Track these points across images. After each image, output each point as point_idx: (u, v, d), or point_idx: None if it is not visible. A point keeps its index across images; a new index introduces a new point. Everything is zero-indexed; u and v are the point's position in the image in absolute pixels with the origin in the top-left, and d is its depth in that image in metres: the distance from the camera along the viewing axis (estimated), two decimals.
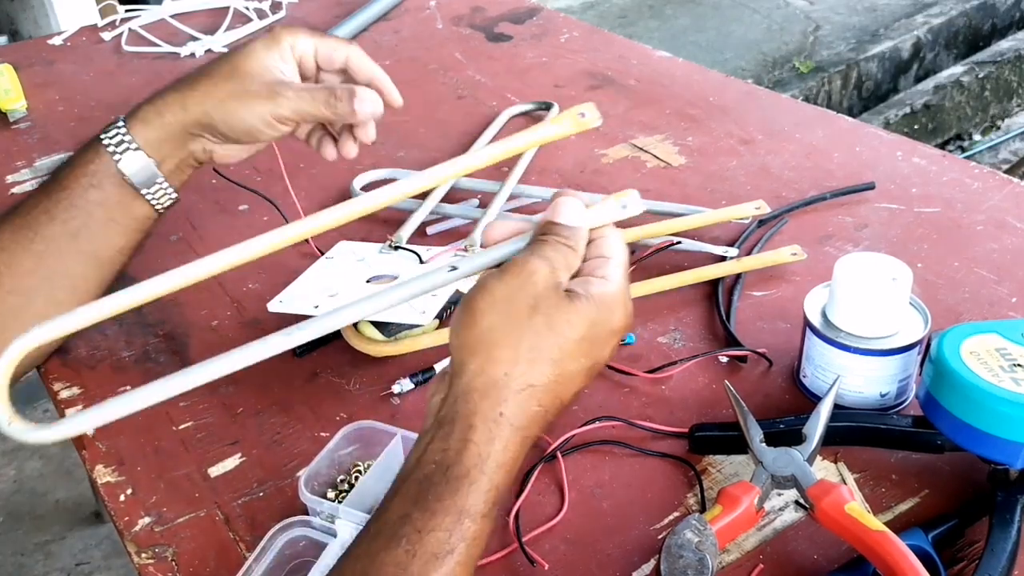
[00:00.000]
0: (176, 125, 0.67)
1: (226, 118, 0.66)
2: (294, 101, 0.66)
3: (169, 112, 0.67)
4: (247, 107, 0.66)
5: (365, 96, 0.66)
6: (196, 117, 0.66)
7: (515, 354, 0.46)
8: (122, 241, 0.69)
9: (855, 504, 0.51)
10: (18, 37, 2.55)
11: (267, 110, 0.66)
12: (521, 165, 0.91)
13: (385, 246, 0.78)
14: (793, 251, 0.76)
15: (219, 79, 0.67)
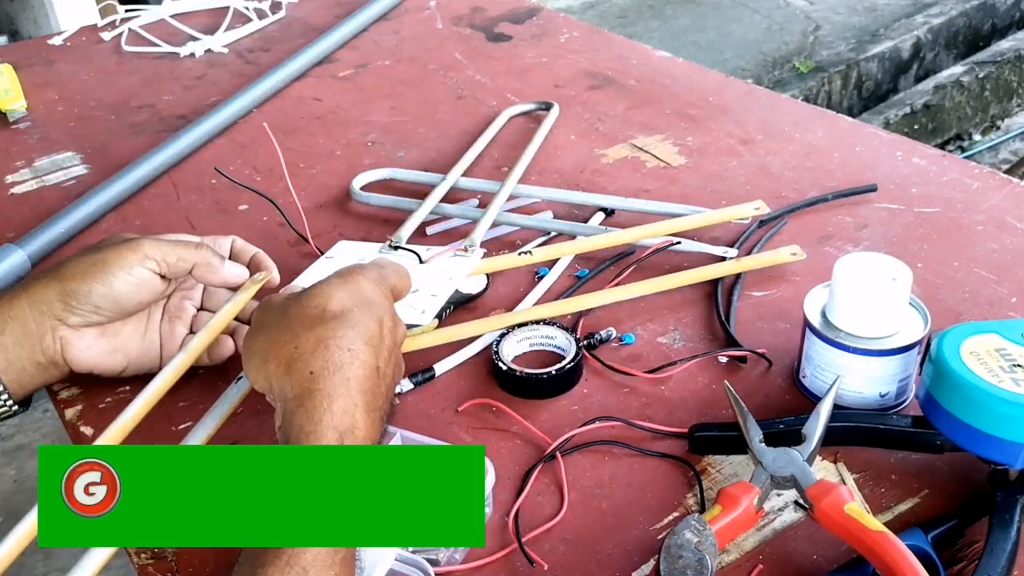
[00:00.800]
0: (23, 302, 0.63)
1: (80, 271, 0.62)
2: (153, 240, 0.64)
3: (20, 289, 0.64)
4: (103, 253, 0.63)
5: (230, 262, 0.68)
6: (45, 284, 0.63)
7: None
8: None
9: (855, 504, 0.51)
10: (18, 37, 2.55)
11: (126, 250, 0.63)
12: (521, 165, 0.91)
13: (385, 246, 0.78)
14: (793, 251, 0.76)
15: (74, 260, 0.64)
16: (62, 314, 0.63)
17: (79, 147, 1.06)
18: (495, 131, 1.00)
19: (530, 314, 0.71)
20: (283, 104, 1.13)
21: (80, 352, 0.64)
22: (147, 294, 0.65)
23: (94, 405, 0.68)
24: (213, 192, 0.95)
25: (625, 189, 0.89)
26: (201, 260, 0.65)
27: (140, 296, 0.64)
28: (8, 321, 0.63)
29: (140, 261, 0.63)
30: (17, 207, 0.95)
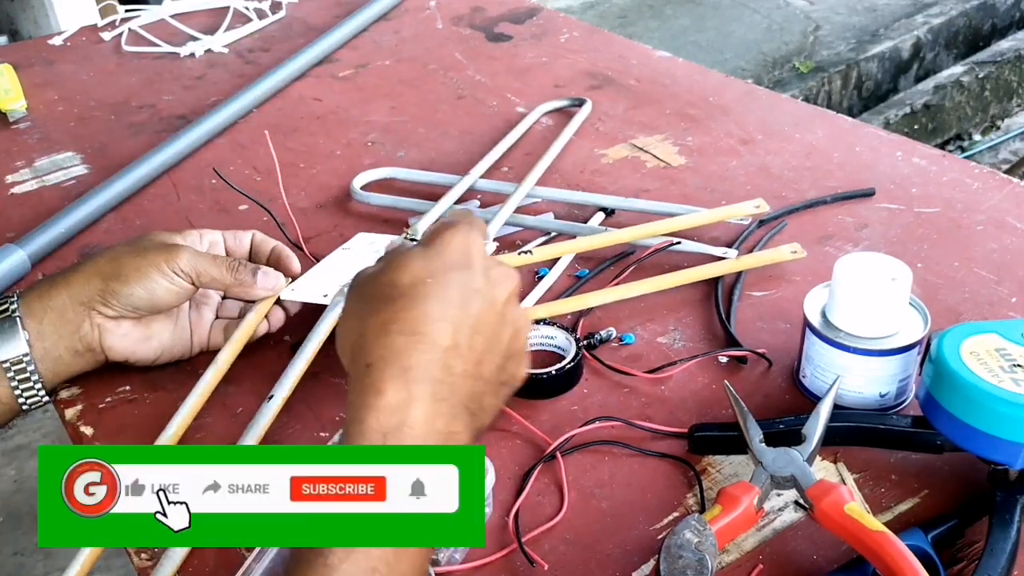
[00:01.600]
0: (62, 293, 0.65)
1: (119, 269, 0.65)
2: (194, 255, 0.66)
3: (60, 280, 0.66)
4: (143, 256, 0.65)
5: (269, 272, 0.69)
6: (85, 278, 0.65)
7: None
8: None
9: (855, 504, 0.51)
10: (18, 37, 2.56)
11: (165, 258, 0.65)
12: (543, 163, 0.91)
13: (400, 238, 0.78)
14: (793, 249, 0.76)
15: (116, 249, 0.67)
16: (101, 307, 0.65)
17: (79, 147, 1.06)
18: (525, 128, 1.01)
19: (530, 313, 0.71)
20: (283, 104, 1.13)
21: (117, 339, 0.66)
22: (181, 299, 0.67)
23: (94, 405, 0.68)
24: (213, 192, 0.95)
25: (625, 189, 0.89)
26: (234, 282, 0.68)
27: (175, 300, 0.67)
28: (48, 311, 0.65)
29: (176, 272, 0.65)
30: (17, 207, 0.95)
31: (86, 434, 0.66)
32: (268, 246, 0.73)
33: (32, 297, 0.65)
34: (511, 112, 1.06)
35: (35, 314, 0.65)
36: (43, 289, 0.66)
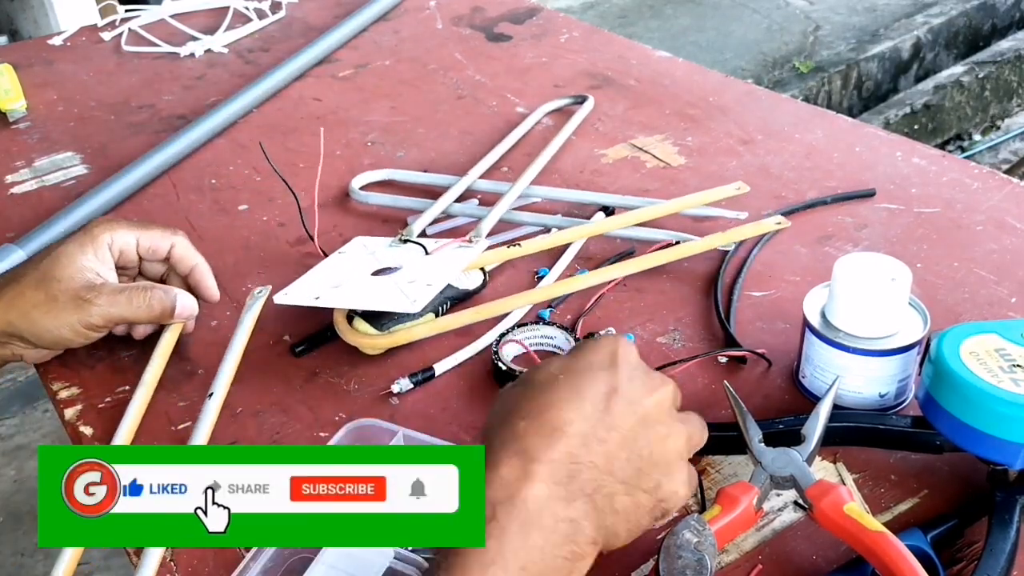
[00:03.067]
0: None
1: (32, 328, 0.65)
2: (105, 307, 0.65)
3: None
4: (53, 317, 0.64)
5: (186, 302, 0.69)
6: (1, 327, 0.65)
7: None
8: None
9: (854, 504, 0.51)
10: (18, 37, 2.56)
11: (75, 319, 0.64)
12: (541, 160, 0.91)
13: (395, 240, 0.78)
14: (777, 220, 0.79)
15: (26, 287, 0.65)
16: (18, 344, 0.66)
17: (79, 147, 1.06)
18: (527, 128, 1.01)
19: (525, 298, 0.72)
20: (283, 104, 1.13)
21: (37, 359, 0.70)
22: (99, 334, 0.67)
23: (94, 405, 0.68)
24: (213, 192, 0.95)
25: (625, 189, 0.89)
26: (150, 320, 0.68)
27: (92, 338, 0.67)
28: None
29: (89, 328, 0.65)
30: (17, 207, 0.95)
31: (86, 434, 0.66)
32: (189, 263, 0.71)
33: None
34: (511, 112, 1.06)
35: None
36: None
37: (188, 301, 0.69)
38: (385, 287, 0.70)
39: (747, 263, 0.77)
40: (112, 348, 0.74)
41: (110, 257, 0.68)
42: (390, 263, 0.74)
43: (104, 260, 0.68)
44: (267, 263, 0.82)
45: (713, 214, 0.82)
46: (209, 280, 0.72)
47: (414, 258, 0.74)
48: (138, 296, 0.66)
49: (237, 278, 0.80)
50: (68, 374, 0.71)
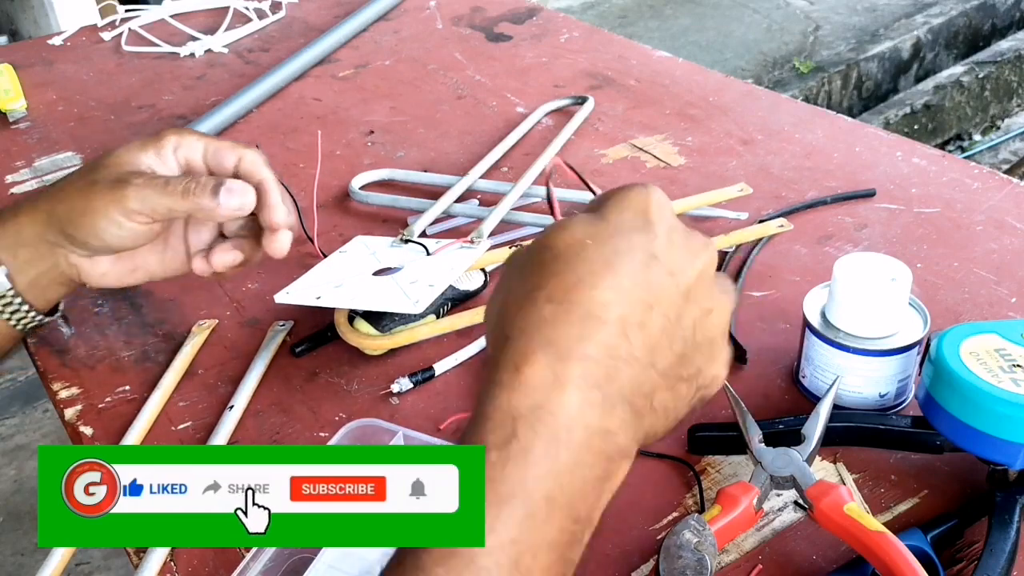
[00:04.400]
0: (29, 229, 0.59)
1: (70, 214, 0.58)
2: (142, 189, 0.56)
3: (24, 213, 0.59)
4: (89, 199, 0.57)
5: (234, 187, 0.57)
6: (45, 218, 0.59)
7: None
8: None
9: (854, 505, 0.51)
10: (18, 37, 2.56)
11: (110, 201, 0.56)
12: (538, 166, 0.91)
13: (396, 240, 0.78)
14: (780, 223, 0.78)
15: (76, 175, 0.59)
16: (69, 247, 0.59)
17: (79, 147, 1.06)
18: (527, 128, 1.01)
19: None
20: (283, 104, 1.13)
21: (97, 277, 0.61)
22: (148, 236, 0.59)
23: (94, 405, 0.68)
24: None
25: None
26: (193, 208, 0.57)
27: (138, 241, 0.59)
28: (20, 247, 0.59)
29: (127, 216, 0.57)
30: None
31: (86, 434, 0.66)
32: (255, 177, 0.60)
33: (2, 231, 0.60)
34: (511, 112, 1.06)
35: (8, 248, 0.59)
36: (8, 222, 0.60)
37: (239, 187, 0.58)
38: (387, 287, 0.70)
39: (747, 263, 0.77)
40: (112, 348, 0.74)
41: (174, 163, 0.60)
42: (391, 263, 0.74)
43: (167, 162, 0.60)
44: (267, 263, 0.82)
45: (714, 214, 0.82)
46: (273, 199, 0.60)
47: (415, 258, 0.74)
48: (177, 181, 0.57)
49: (237, 278, 0.80)
50: (68, 374, 0.72)
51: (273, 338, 0.72)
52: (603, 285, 0.37)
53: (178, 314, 0.77)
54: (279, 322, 0.74)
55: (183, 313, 0.77)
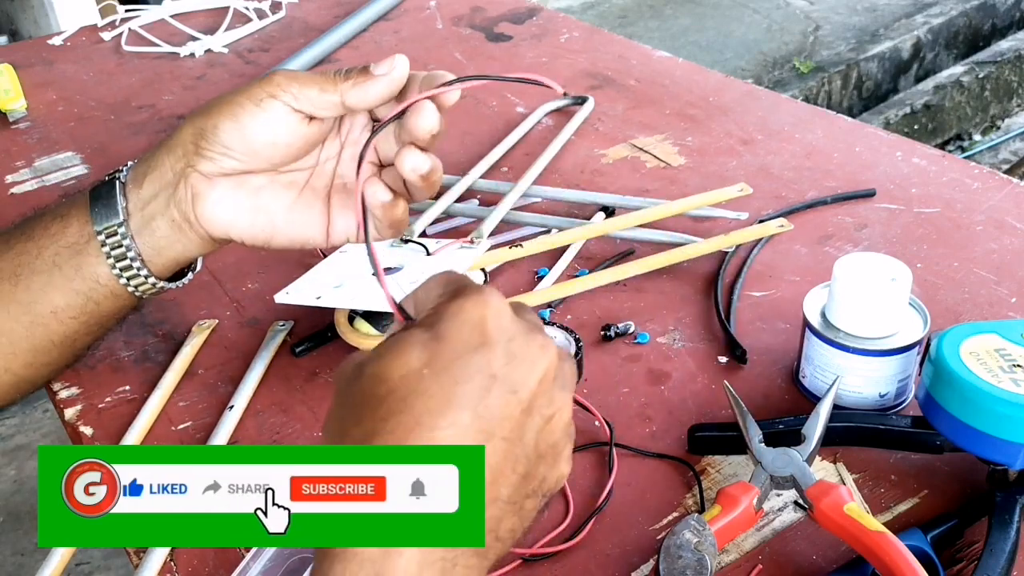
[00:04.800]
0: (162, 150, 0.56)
1: (209, 107, 0.55)
2: (288, 73, 0.54)
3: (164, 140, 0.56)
4: (235, 91, 0.55)
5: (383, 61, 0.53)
6: (180, 129, 0.55)
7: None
8: (60, 300, 0.56)
9: (854, 504, 0.51)
10: (18, 37, 2.56)
11: (255, 85, 0.54)
12: (543, 160, 0.91)
13: (396, 240, 0.78)
14: (780, 223, 0.78)
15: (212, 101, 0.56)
16: (193, 158, 0.54)
17: (79, 147, 1.06)
18: (528, 128, 1.01)
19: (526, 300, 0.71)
20: None
21: (212, 206, 0.55)
22: (285, 135, 0.54)
23: (94, 405, 0.68)
24: None
25: (625, 189, 0.89)
26: (345, 86, 0.53)
27: (275, 136, 0.54)
28: (149, 171, 0.56)
29: (271, 92, 0.53)
30: (17, 207, 0.95)
31: (86, 434, 0.66)
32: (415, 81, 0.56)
33: (141, 160, 0.57)
34: (511, 112, 1.06)
35: (137, 178, 0.56)
36: (151, 151, 0.57)
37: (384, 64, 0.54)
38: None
39: (747, 263, 0.77)
40: (112, 348, 0.74)
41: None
42: (392, 263, 0.74)
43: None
44: (267, 263, 0.82)
45: (714, 214, 0.82)
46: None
47: (416, 258, 0.74)
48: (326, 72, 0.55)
49: (237, 278, 0.80)
50: (68, 374, 0.71)
51: (273, 338, 0.72)
52: (442, 424, 0.36)
53: (178, 314, 0.77)
54: (279, 322, 0.74)
55: (183, 313, 0.77)
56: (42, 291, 0.56)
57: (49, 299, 0.56)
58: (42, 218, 0.58)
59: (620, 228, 0.80)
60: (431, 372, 0.37)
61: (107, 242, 0.56)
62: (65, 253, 0.56)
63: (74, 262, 0.56)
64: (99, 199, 0.56)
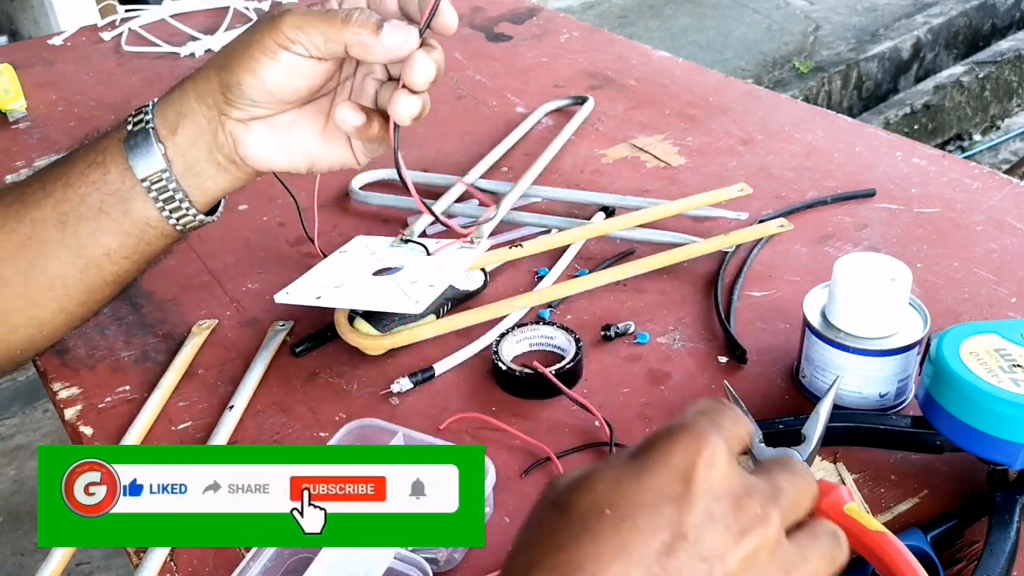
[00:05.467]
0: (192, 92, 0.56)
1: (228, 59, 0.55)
2: (300, 15, 0.53)
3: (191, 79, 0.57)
4: (247, 36, 0.54)
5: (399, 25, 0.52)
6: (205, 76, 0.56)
7: None
8: (112, 242, 0.57)
9: (854, 504, 0.51)
10: (18, 37, 2.56)
11: (267, 31, 0.53)
12: (543, 160, 0.91)
13: (396, 240, 0.78)
14: (780, 223, 0.78)
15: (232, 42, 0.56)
16: (225, 107, 0.56)
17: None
18: (528, 128, 1.01)
19: (526, 299, 0.72)
20: None
21: (252, 147, 0.57)
22: (305, 79, 0.55)
23: (94, 405, 0.68)
24: None
25: (625, 189, 0.89)
26: (350, 38, 0.52)
27: (296, 83, 0.55)
28: (181, 118, 0.57)
29: (283, 44, 0.53)
30: None
31: (86, 434, 0.66)
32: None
33: (165, 104, 0.57)
34: (511, 112, 1.06)
35: (169, 123, 0.57)
36: (175, 94, 0.57)
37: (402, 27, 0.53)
38: (387, 287, 0.70)
39: (747, 263, 0.77)
40: (112, 348, 0.74)
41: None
42: (392, 263, 0.74)
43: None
44: (267, 263, 0.82)
45: (714, 214, 0.82)
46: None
47: (416, 258, 0.74)
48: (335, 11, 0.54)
49: (237, 278, 0.80)
50: (68, 374, 0.72)
51: (273, 338, 0.72)
52: (609, 569, 0.32)
53: (178, 314, 0.77)
54: (279, 322, 0.74)
55: (183, 313, 0.77)
56: (92, 236, 0.57)
57: (100, 243, 0.57)
58: (75, 164, 0.58)
59: (620, 228, 0.80)
60: (614, 512, 0.33)
61: (153, 187, 0.57)
62: (110, 199, 0.57)
63: (121, 207, 0.57)
64: (135, 148, 0.57)
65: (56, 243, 0.57)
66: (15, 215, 0.57)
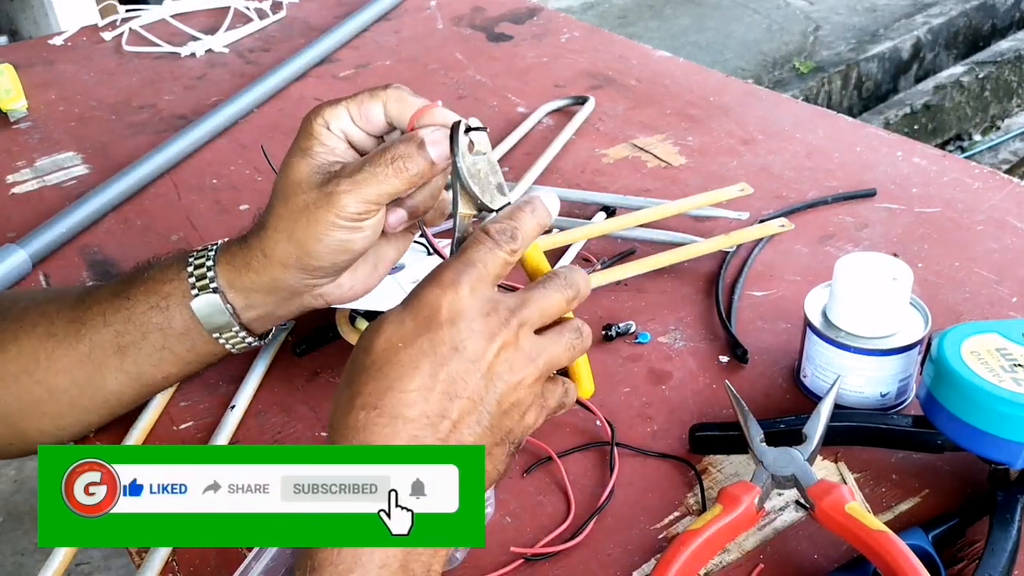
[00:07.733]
0: (265, 277, 0.57)
1: (304, 247, 0.55)
2: (353, 191, 0.53)
3: (255, 260, 0.57)
4: (314, 224, 0.54)
5: (431, 137, 0.54)
6: (281, 260, 0.56)
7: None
8: (173, 371, 0.61)
9: (855, 504, 0.51)
10: (18, 37, 2.56)
11: (332, 216, 0.53)
12: (545, 158, 0.91)
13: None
14: (781, 223, 0.78)
15: (279, 209, 0.56)
16: (314, 280, 0.57)
17: (80, 147, 1.06)
18: (528, 128, 1.01)
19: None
20: (283, 104, 1.13)
21: (346, 293, 0.59)
22: (374, 230, 0.55)
23: None
24: (213, 192, 0.95)
25: (625, 189, 0.89)
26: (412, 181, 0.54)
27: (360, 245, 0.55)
28: (252, 291, 0.58)
29: (346, 214, 0.54)
30: (18, 207, 0.95)
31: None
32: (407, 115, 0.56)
33: (231, 275, 0.57)
34: (511, 112, 1.06)
35: (237, 289, 0.58)
36: (239, 267, 0.57)
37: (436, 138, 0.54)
38: (388, 287, 0.70)
39: (748, 263, 0.77)
40: None
41: (335, 139, 0.56)
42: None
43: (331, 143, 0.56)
44: None
45: (715, 214, 0.82)
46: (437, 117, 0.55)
47: (416, 258, 0.74)
48: (380, 162, 0.53)
49: None
50: None
51: (274, 338, 0.72)
52: (410, 387, 0.44)
53: None
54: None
55: None
56: (153, 367, 0.60)
57: (161, 371, 0.60)
58: (135, 302, 0.58)
59: (621, 228, 0.80)
60: (404, 345, 0.45)
61: (223, 337, 0.59)
62: (174, 341, 0.59)
63: (186, 345, 0.59)
64: (202, 310, 0.58)
65: (115, 368, 0.59)
66: (75, 333, 0.58)
